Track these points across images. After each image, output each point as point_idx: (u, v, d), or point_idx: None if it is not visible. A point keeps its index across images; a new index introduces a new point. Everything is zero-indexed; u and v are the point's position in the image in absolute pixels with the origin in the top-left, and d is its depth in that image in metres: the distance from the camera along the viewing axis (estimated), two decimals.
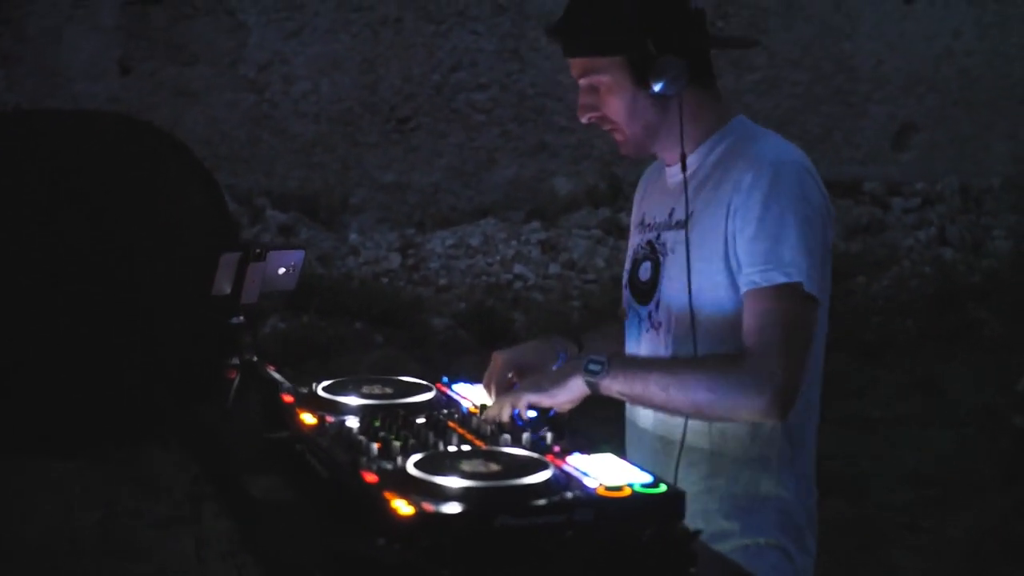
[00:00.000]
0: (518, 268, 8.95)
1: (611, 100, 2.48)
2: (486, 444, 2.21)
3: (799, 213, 2.36)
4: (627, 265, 2.70)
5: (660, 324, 2.54)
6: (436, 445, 2.16)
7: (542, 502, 1.91)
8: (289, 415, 2.40)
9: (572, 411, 2.45)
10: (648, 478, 2.01)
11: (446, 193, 11.24)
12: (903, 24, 12.52)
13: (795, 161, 2.43)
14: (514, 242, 9.42)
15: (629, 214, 8.70)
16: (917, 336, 8.24)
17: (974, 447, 6.36)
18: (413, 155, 11.25)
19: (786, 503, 2.47)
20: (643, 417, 2.58)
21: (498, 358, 2.63)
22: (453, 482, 1.94)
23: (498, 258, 9.18)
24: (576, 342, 2.78)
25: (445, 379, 2.66)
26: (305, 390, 2.53)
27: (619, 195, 10.63)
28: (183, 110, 10.32)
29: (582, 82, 2.52)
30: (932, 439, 6.17)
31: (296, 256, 2.66)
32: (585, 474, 2.02)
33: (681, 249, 2.46)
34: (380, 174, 11.06)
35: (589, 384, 2.37)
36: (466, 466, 2.01)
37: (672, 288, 2.50)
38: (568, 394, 2.39)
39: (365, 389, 2.48)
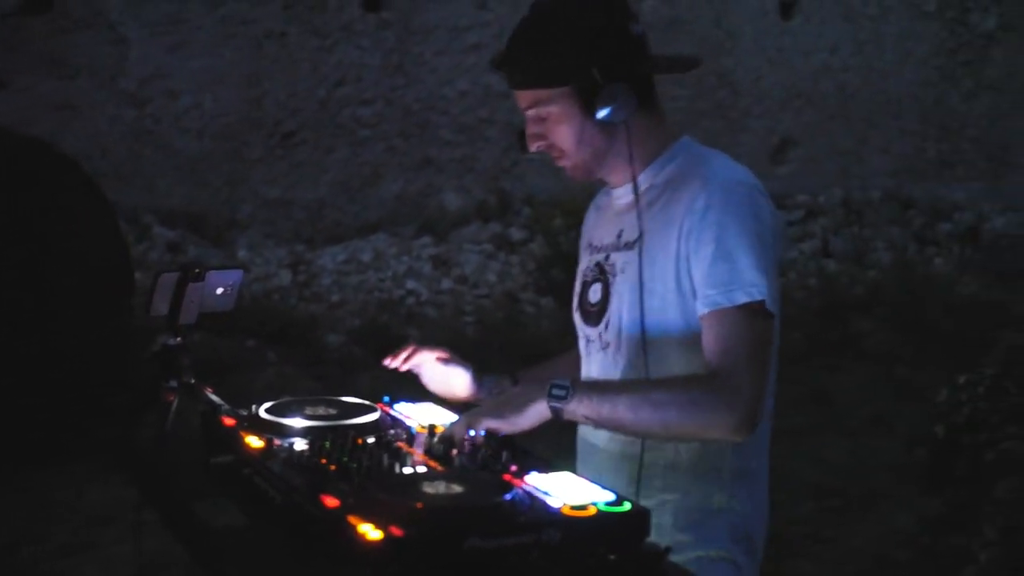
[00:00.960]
0: (410, 283, 8.93)
1: (559, 129, 2.49)
2: (440, 465, 2.20)
3: (753, 232, 2.39)
4: (576, 289, 2.70)
5: (609, 344, 2.55)
6: (392, 467, 2.14)
7: (509, 523, 1.91)
8: (232, 438, 2.36)
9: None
10: (610, 496, 2.01)
11: (332, 208, 11.18)
12: (781, 40, 12.75)
13: (745, 181, 2.47)
14: (405, 257, 9.39)
15: (519, 229, 8.69)
16: (804, 347, 8.36)
17: (868, 456, 6.48)
18: (298, 170, 11.17)
19: (737, 515, 2.50)
20: (595, 434, 2.58)
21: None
22: (418, 505, 1.92)
23: (390, 273, 9.15)
24: (511, 378, 2.83)
25: (387, 399, 2.64)
26: (246, 412, 2.49)
27: (508, 210, 10.66)
28: (62, 125, 10.12)
29: (529, 113, 2.52)
30: (827, 449, 6.27)
31: (234, 276, 2.62)
32: (547, 493, 2.02)
33: (631, 269, 2.48)
34: (265, 190, 10.96)
35: (553, 410, 2.36)
36: (429, 488, 1.99)
37: (622, 308, 2.51)
38: (528, 420, 2.37)
39: (309, 410, 2.45)
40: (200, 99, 10.74)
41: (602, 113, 2.43)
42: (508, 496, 1.96)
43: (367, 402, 2.56)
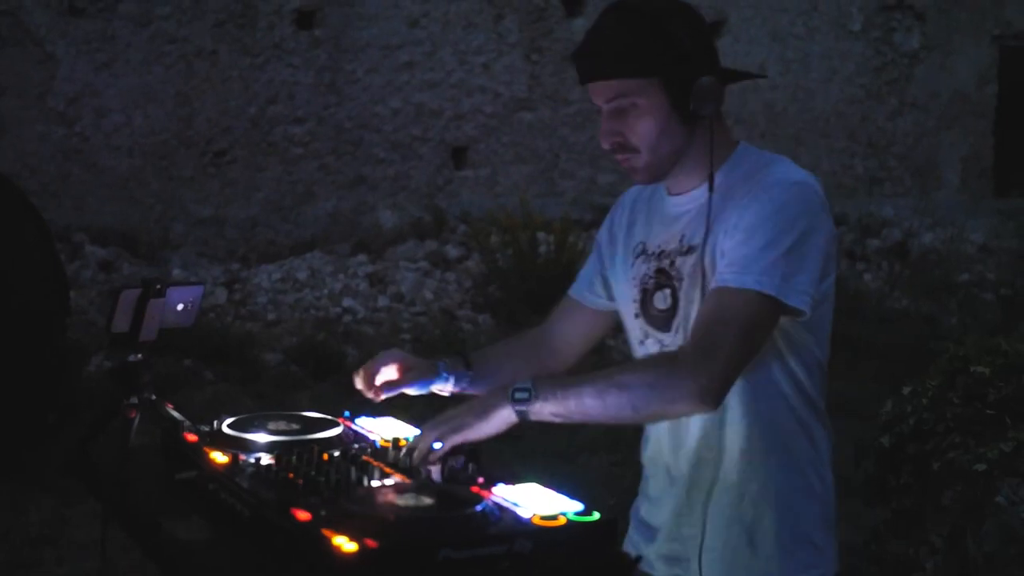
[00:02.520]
0: (347, 302, 8.91)
1: (641, 123, 2.45)
2: (407, 477, 2.21)
3: (792, 228, 2.38)
4: (635, 296, 2.66)
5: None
6: (360, 480, 2.15)
7: (482, 534, 1.92)
8: (196, 454, 2.35)
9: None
10: (579, 506, 2.03)
11: (264, 227, 11.14)
12: None
13: (801, 181, 2.45)
14: (341, 275, 9.37)
15: (455, 246, 8.66)
16: None
17: None
18: (230, 189, 11.13)
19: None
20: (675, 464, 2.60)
21: (390, 356, 2.65)
22: (390, 516, 1.93)
23: (326, 291, 9.12)
24: (464, 360, 2.78)
25: (347, 413, 2.63)
26: (207, 428, 2.49)
27: (444, 227, 10.67)
28: None
29: (609, 106, 2.46)
30: None
31: (195, 292, 2.61)
32: (516, 504, 2.04)
33: (696, 274, 2.48)
34: (197, 208, 10.91)
35: (519, 413, 2.34)
36: (400, 500, 2.00)
37: (691, 313, 2.49)
38: (494, 427, 2.34)
39: (272, 425, 2.45)
40: (130, 117, 10.69)
41: (696, 107, 2.41)
42: (479, 507, 1.98)
43: (329, 417, 2.56)
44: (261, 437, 2.39)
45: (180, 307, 2.57)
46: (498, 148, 12.11)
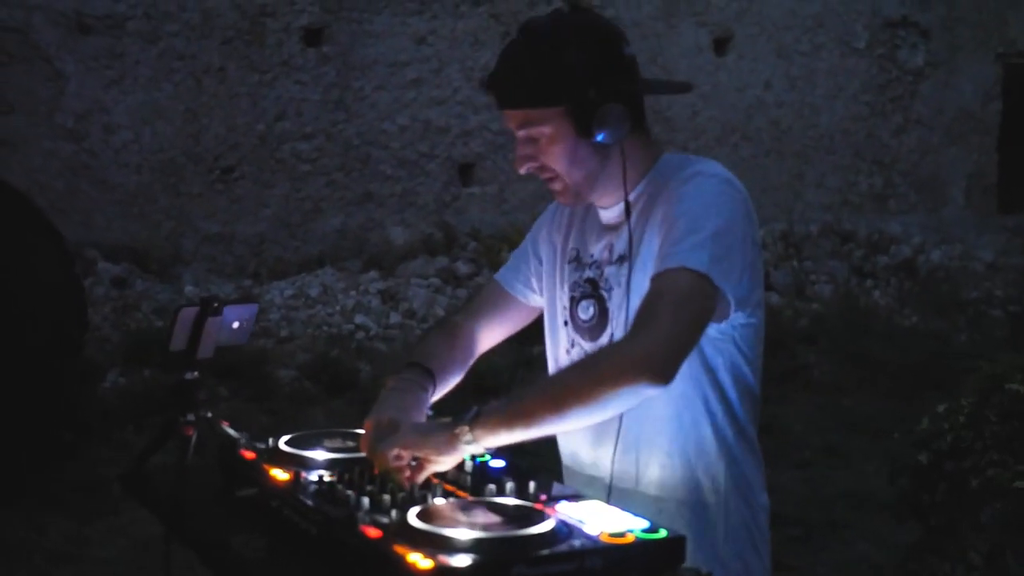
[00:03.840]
0: (359, 318, 8.92)
1: (552, 150, 2.47)
2: (470, 495, 2.22)
3: (717, 216, 2.37)
4: (565, 303, 2.65)
5: None
6: (424, 497, 2.16)
7: (553, 551, 1.93)
8: (256, 472, 2.36)
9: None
10: (645, 523, 2.04)
11: (272, 243, 11.15)
12: (717, 76, 12.91)
13: (718, 173, 2.46)
14: (353, 292, 9.38)
15: (465, 263, 8.66)
16: None
17: (825, 486, 6.56)
18: (238, 205, 11.13)
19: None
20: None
21: (369, 424, 2.45)
22: (462, 534, 1.94)
23: (338, 308, 9.13)
24: (429, 373, 2.71)
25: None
26: (263, 446, 2.50)
27: (454, 244, 10.67)
28: None
29: (521, 134, 2.49)
30: (783, 480, 6.33)
31: (250, 310, 2.62)
32: (581, 522, 2.05)
33: (627, 285, 2.48)
34: (205, 224, 10.91)
35: (467, 443, 2.27)
36: (468, 517, 2.01)
37: (621, 323, 2.48)
38: (454, 460, 2.30)
39: (328, 443, 2.47)
40: (138, 134, 10.69)
41: (598, 135, 2.41)
42: (548, 525, 1.99)
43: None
44: (320, 454, 2.40)
45: (236, 325, 2.58)
46: (505, 165, 12.11)
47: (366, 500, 2.09)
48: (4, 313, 6.09)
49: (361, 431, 2.59)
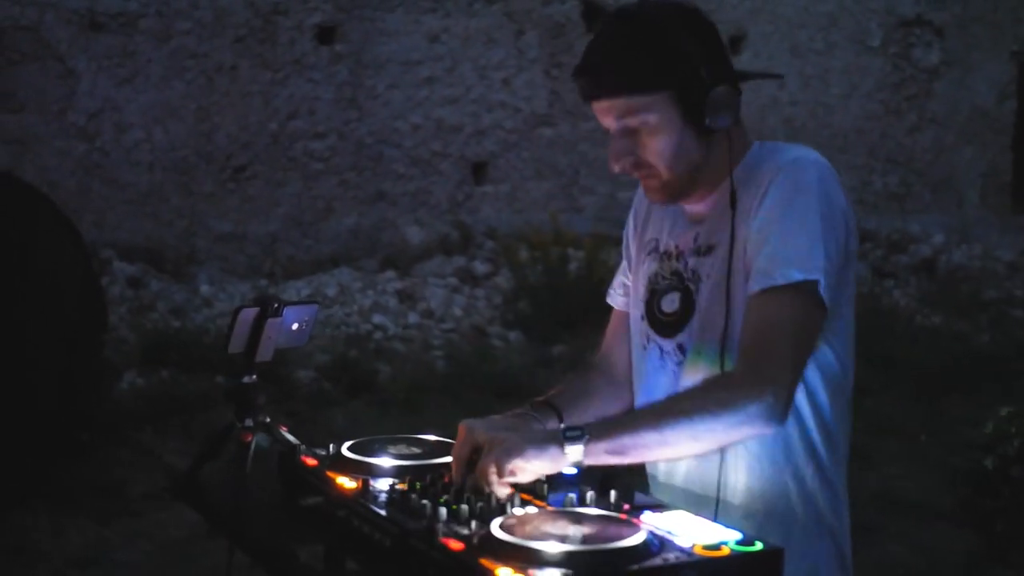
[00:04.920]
0: (377, 318, 8.83)
1: (655, 141, 2.32)
2: (547, 504, 2.13)
3: (817, 211, 2.25)
4: (641, 295, 2.54)
5: (690, 355, 2.41)
6: (503, 507, 2.07)
7: (646, 565, 1.84)
8: (320, 479, 2.27)
9: None
10: (737, 535, 1.95)
11: (284, 243, 11.06)
12: None
13: (816, 161, 2.33)
14: (370, 292, 9.29)
15: (483, 262, 8.59)
16: None
17: (851, 488, 6.46)
18: (250, 204, 11.05)
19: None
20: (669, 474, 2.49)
21: (463, 428, 2.30)
22: (551, 547, 1.85)
23: (356, 308, 9.04)
24: (554, 409, 2.56)
25: None
26: (324, 452, 2.40)
27: (471, 243, 10.59)
28: (10, 159, 9.94)
29: (617, 125, 2.34)
30: None
31: (310, 311, 2.52)
32: (671, 533, 1.96)
33: (715, 276, 2.37)
34: (217, 224, 10.83)
35: (571, 455, 2.15)
36: (554, 529, 1.93)
37: (709, 318, 2.37)
38: (555, 466, 2.16)
39: (393, 449, 2.37)
40: (150, 132, 10.61)
41: (711, 120, 2.28)
42: (639, 537, 1.90)
43: (448, 440, 2.48)
44: (386, 461, 2.31)
45: (295, 326, 2.48)
46: (518, 164, 12.04)
47: (443, 510, 2.00)
48: (24, 312, 6.01)
49: (426, 436, 2.51)
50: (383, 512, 2.07)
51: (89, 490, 6.32)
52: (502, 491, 2.12)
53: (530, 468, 2.15)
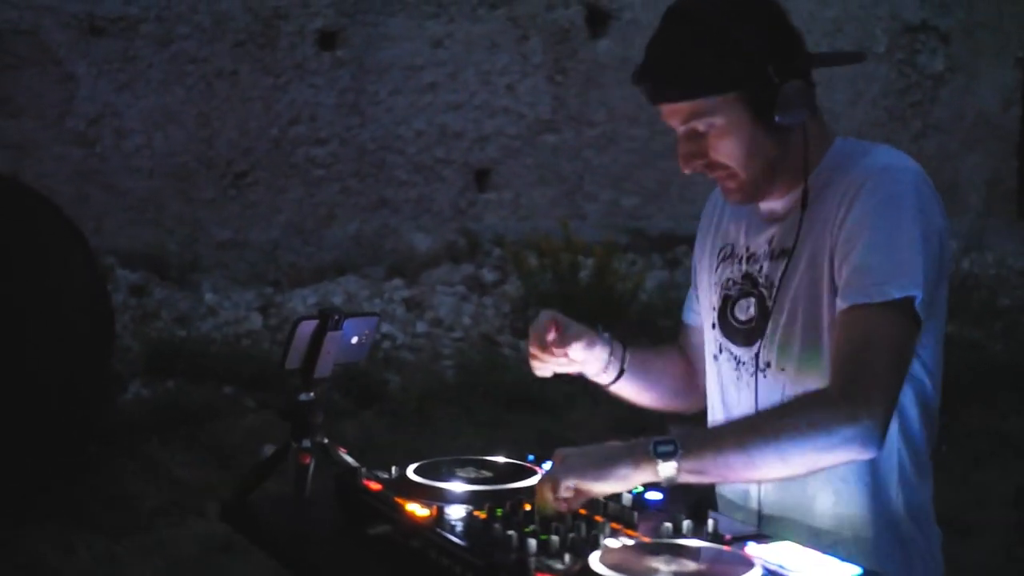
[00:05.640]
0: (385, 327, 8.67)
1: (724, 143, 2.21)
2: (640, 533, 1.98)
3: (914, 222, 2.14)
4: (714, 304, 2.43)
5: (770, 365, 2.28)
6: (595, 538, 1.92)
7: None
8: (387, 505, 2.12)
9: None
10: (856, 569, 1.81)
11: (286, 250, 10.92)
12: None
13: (910, 168, 2.22)
14: (377, 300, 9.14)
15: (491, 270, 8.44)
16: None
17: None
18: (251, 211, 10.90)
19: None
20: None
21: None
22: None
23: None
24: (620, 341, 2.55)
25: (531, 457, 2.41)
26: (386, 475, 2.26)
27: (478, 251, 10.45)
28: (8, 165, 9.78)
29: (684, 128, 2.23)
30: None
31: (370, 323, 2.38)
32: (783, 568, 1.82)
33: (792, 281, 2.25)
34: (218, 231, 10.68)
35: (663, 470, 2.02)
36: (661, 564, 1.78)
37: (787, 324, 2.25)
38: (623, 485, 2.05)
39: (463, 472, 2.23)
40: (150, 138, 10.46)
41: (782, 118, 2.16)
42: (759, 574, 1.75)
43: (518, 461, 2.34)
44: (458, 486, 2.16)
45: (355, 340, 2.34)
46: (521, 170, 11.90)
47: (533, 542, 1.85)
48: (31, 321, 5.85)
49: (495, 458, 2.37)
50: (463, 543, 1.92)
51: (97, 504, 6.16)
52: (557, 509, 2.01)
53: (594, 490, 2.04)
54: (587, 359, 2.51)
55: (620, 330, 2.64)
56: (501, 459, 2.36)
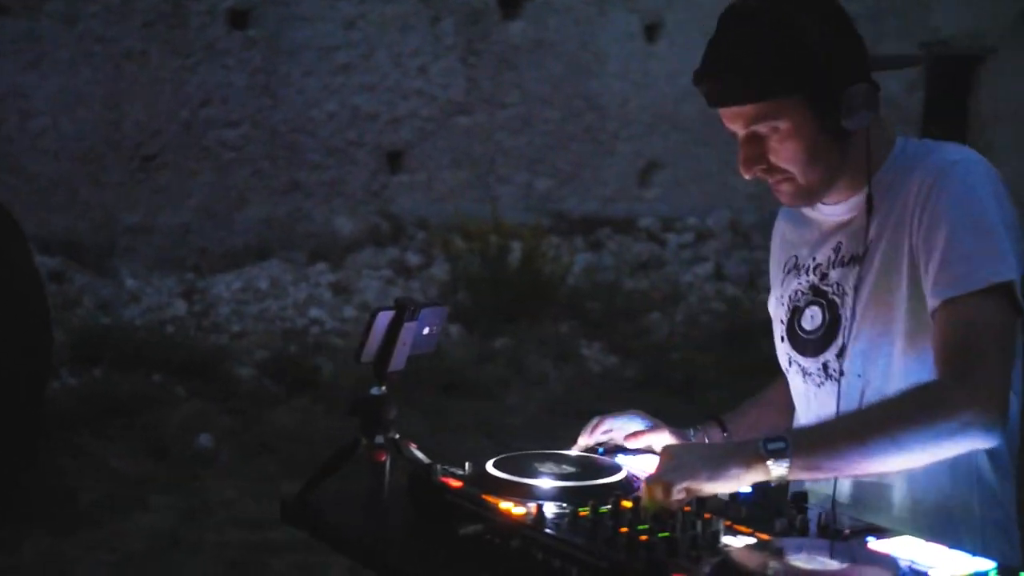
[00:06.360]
0: (313, 311, 8.53)
1: (787, 147, 2.16)
2: (751, 529, 1.92)
3: (995, 211, 2.11)
4: (782, 316, 2.39)
5: (844, 374, 2.23)
6: (714, 536, 1.86)
7: None
8: (472, 503, 2.03)
9: None
10: (991, 563, 1.77)
11: (196, 234, 10.70)
12: (647, 64, 12.72)
13: (980, 160, 2.18)
14: (303, 284, 8.99)
15: (415, 253, 8.37)
16: (720, 372, 8.27)
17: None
18: (161, 195, 10.66)
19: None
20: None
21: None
22: None
23: (290, 301, 8.73)
24: (718, 424, 2.51)
25: (601, 451, 2.34)
26: (461, 471, 2.17)
27: (401, 234, 10.33)
28: None
29: (746, 132, 2.18)
30: None
31: (441, 313, 2.27)
32: (915, 564, 1.77)
33: (862, 286, 2.20)
34: (127, 216, 10.43)
35: (775, 469, 1.99)
36: (803, 564, 1.72)
37: (856, 330, 2.21)
38: (735, 485, 2.01)
39: (544, 467, 2.15)
40: (56, 120, 10.18)
41: (848, 121, 2.11)
42: (893, 572, 1.70)
43: (596, 455, 2.27)
44: (545, 483, 2.08)
45: (426, 331, 2.24)
46: (434, 153, 11.80)
47: (657, 541, 1.79)
48: None
49: (567, 452, 2.30)
50: (578, 541, 1.84)
51: (37, 499, 5.95)
52: (668, 507, 1.96)
53: (705, 490, 2.00)
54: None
55: (550, 312, 2.54)
56: (572, 452, 2.29)
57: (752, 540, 1.87)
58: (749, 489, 2.05)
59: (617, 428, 2.40)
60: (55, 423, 6.79)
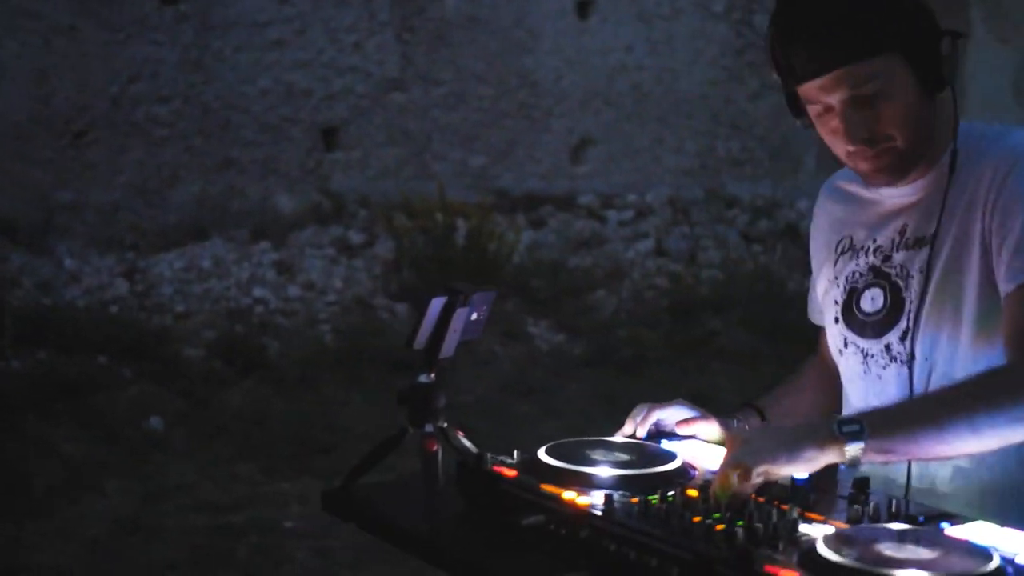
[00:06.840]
0: (257, 291, 8.42)
1: (891, 108, 2.14)
2: (826, 518, 1.90)
3: None
4: (837, 298, 2.37)
5: (910, 357, 2.22)
6: (793, 525, 1.83)
7: None
8: (531, 492, 1.99)
9: None
10: None
11: (127, 212, 10.53)
12: (580, 40, 12.69)
13: None
14: (246, 264, 8.86)
15: (358, 232, 8.29)
16: (665, 349, 8.29)
17: None
18: (91, 172, 10.48)
19: None
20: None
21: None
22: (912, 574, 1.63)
23: (233, 281, 8.60)
24: (756, 411, 2.50)
25: (645, 436, 2.31)
26: (510, 459, 2.13)
27: (343, 212, 10.23)
28: None
29: (849, 96, 2.14)
30: None
31: (489, 297, 2.22)
32: (998, 549, 1.76)
33: (935, 269, 2.20)
34: (57, 193, 10.24)
35: (850, 452, 1.96)
36: (898, 552, 1.70)
37: (933, 315, 2.20)
38: (809, 467, 1.98)
39: (597, 455, 2.11)
40: None
41: (947, 75, 2.13)
42: (990, 563, 1.68)
43: (647, 442, 2.25)
44: (604, 471, 2.04)
45: (474, 316, 2.19)
46: (370, 129, 11.70)
47: (739, 530, 1.76)
48: None
49: (614, 439, 2.28)
50: (657, 531, 1.81)
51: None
52: (742, 494, 1.92)
53: (782, 474, 1.97)
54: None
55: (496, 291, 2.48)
56: (618, 439, 2.26)
57: (827, 528, 1.84)
58: (805, 475, 2.03)
59: (666, 417, 2.38)
60: (1, 406, 6.66)
